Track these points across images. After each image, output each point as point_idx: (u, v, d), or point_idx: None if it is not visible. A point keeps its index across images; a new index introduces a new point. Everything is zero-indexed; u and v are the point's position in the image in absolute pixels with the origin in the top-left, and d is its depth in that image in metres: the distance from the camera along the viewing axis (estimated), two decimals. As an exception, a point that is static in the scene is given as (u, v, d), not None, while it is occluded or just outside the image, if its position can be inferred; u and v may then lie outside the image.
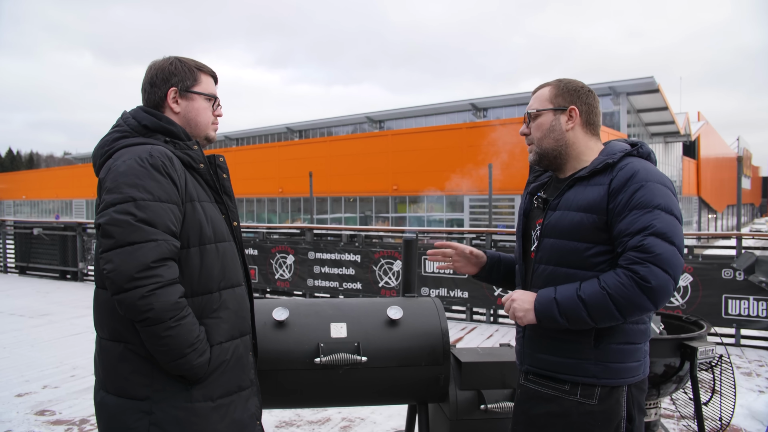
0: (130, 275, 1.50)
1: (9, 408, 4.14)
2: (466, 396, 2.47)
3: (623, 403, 1.70)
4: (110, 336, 1.68)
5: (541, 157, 1.83)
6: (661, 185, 1.65)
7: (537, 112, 1.81)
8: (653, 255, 1.54)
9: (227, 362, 1.71)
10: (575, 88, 1.80)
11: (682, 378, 2.85)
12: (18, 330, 6.55)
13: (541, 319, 1.67)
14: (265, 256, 8.54)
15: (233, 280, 1.78)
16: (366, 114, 37.29)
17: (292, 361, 2.31)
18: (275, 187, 31.79)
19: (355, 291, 7.80)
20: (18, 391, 4.50)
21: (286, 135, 41.40)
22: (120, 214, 1.54)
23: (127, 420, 1.63)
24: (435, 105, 34.42)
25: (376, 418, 3.96)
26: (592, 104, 1.81)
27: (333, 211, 30.40)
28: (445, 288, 7.32)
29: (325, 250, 8.08)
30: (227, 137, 44.73)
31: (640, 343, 1.73)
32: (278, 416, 3.96)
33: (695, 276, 6.10)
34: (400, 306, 2.49)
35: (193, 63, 1.84)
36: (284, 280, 8.40)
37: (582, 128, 1.79)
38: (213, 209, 1.77)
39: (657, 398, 2.98)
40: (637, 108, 31.67)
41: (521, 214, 1.96)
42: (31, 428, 3.77)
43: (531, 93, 1.91)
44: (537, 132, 1.81)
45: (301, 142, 35.52)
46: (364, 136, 31.92)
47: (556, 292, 1.66)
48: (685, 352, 2.75)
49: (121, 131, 1.73)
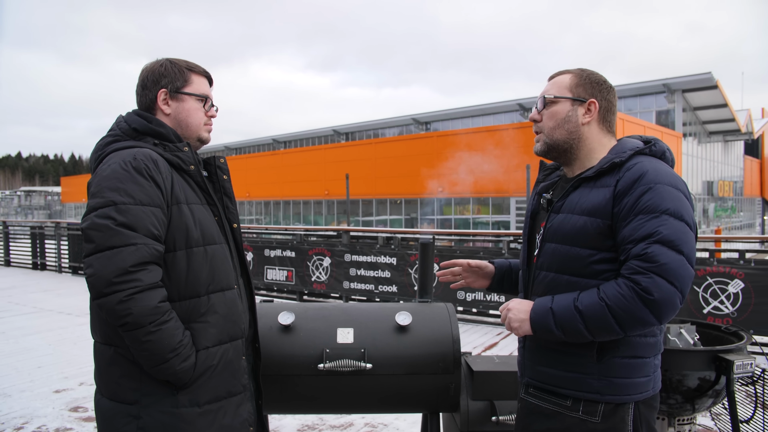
0: (108, 280, 1.49)
1: (46, 403, 4.28)
2: (478, 406, 2.37)
3: (629, 421, 1.56)
4: (102, 339, 1.67)
5: (549, 148, 1.70)
6: (671, 188, 1.50)
7: (554, 98, 1.67)
8: (658, 265, 1.41)
9: (214, 367, 1.68)
10: (598, 80, 1.67)
11: (719, 392, 2.65)
12: (63, 328, 6.82)
13: (536, 329, 1.56)
14: (302, 258, 8.59)
15: (223, 284, 1.74)
16: (412, 115, 37.22)
17: (296, 366, 2.26)
18: (321, 190, 32.11)
19: (390, 294, 7.74)
20: (56, 387, 4.65)
21: (333, 137, 41.79)
22: (100, 219, 1.53)
23: (116, 423, 1.62)
24: (482, 106, 34.03)
25: (399, 424, 3.88)
26: (612, 101, 1.69)
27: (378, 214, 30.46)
28: (480, 292, 7.17)
29: (361, 252, 8.05)
30: (275, 140, 45.56)
31: (648, 357, 1.59)
32: (301, 420, 3.93)
33: (747, 282, 5.74)
34: (411, 312, 2.41)
35: (184, 64, 1.82)
36: (320, 282, 8.42)
37: (598, 124, 1.67)
38: (203, 211, 1.74)
39: (692, 413, 2.78)
40: (693, 106, 30.38)
41: (528, 216, 1.85)
42: (64, 424, 3.88)
43: (548, 79, 1.76)
44: (549, 121, 1.68)
45: (346, 145, 35.78)
46: (409, 137, 31.87)
47: (553, 301, 1.55)
48: (720, 365, 2.56)
49: (114, 135, 1.73)
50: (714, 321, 5.69)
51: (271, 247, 8.99)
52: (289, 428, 3.81)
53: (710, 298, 5.80)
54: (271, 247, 8.99)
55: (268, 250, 8.98)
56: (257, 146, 48.04)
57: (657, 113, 28.79)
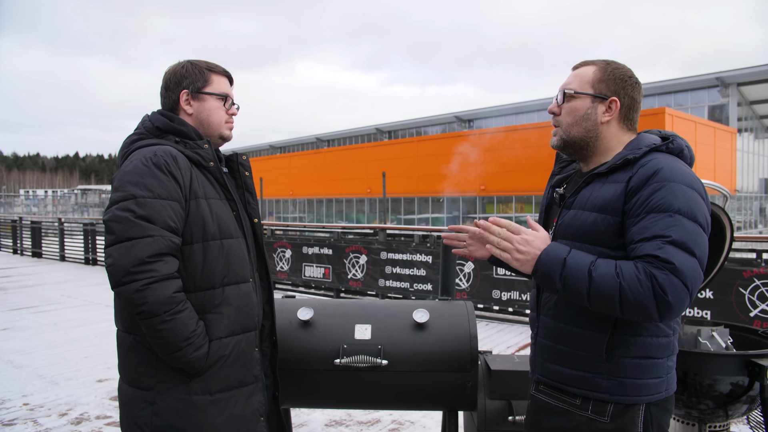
0: (126, 269, 1.56)
1: (89, 392, 4.48)
2: (496, 405, 2.35)
3: (639, 423, 1.52)
4: (123, 328, 1.75)
5: (565, 144, 1.66)
6: (686, 187, 1.45)
7: (575, 94, 1.62)
8: (672, 266, 1.37)
9: (226, 357, 1.73)
10: (622, 76, 1.61)
11: (754, 399, 2.55)
12: (110, 320, 7.09)
13: (538, 271, 1.50)
14: (338, 256, 8.67)
15: (238, 277, 1.80)
16: (455, 113, 36.99)
17: (314, 361, 2.30)
18: (363, 188, 32.31)
19: (425, 292, 7.73)
20: (100, 377, 4.86)
21: (376, 136, 41.96)
22: (121, 211, 1.60)
23: (133, 408, 1.70)
24: (525, 103, 33.52)
25: (426, 422, 3.88)
26: (636, 98, 1.62)
27: (420, 212, 30.43)
28: (516, 291, 7.08)
29: (397, 250, 8.07)
30: (318, 139, 46.07)
31: (660, 358, 1.54)
32: (329, 415, 3.99)
33: (797, 285, 5.47)
34: (429, 309, 2.42)
35: (205, 64, 1.88)
36: (357, 280, 8.49)
37: (618, 122, 1.61)
38: (221, 206, 1.80)
39: (726, 420, 2.69)
40: (750, 100, 29.05)
41: (542, 210, 1.83)
42: (104, 411, 4.05)
43: (572, 68, 1.71)
44: (568, 116, 1.63)
45: (388, 143, 35.86)
46: (450, 135, 31.68)
47: (569, 254, 1.48)
48: (753, 370, 2.46)
49: (139, 134, 1.81)
50: (762, 325, 5.45)
51: (309, 244, 9.11)
52: (317, 422, 3.87)
53: (758, 300, 5.55)
54: (309, 244, 9.12)
55: (306, 248, 9.11)
56: (301, 145, 48.73)
57: (710, 108, 27.69)
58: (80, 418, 3.95)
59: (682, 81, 28.18)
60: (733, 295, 5.62)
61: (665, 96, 28.58)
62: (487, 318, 7.38)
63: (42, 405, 4.20)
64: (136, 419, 1.68)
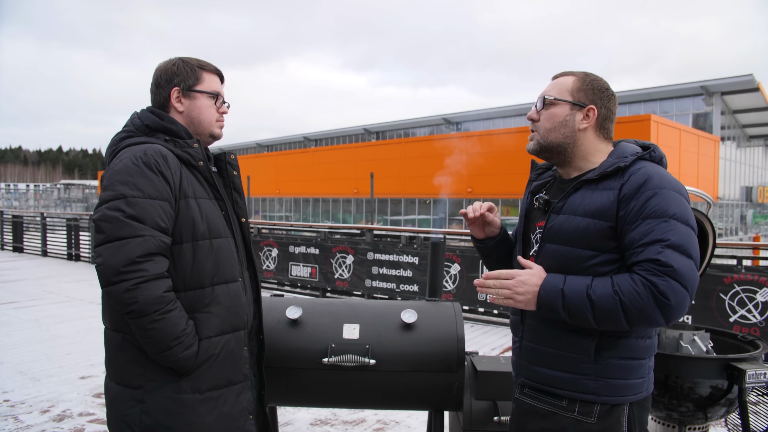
0: (116, 269, 1.55)
1: (72, 389, 4.44)
2: (482, 406, 2.38)
3: (624, 422, 1.57)
4: (111, 326, 1.75)
5: (542, 149, 1.71)
6: (676, 193, 1.53)
7: (554, 100, 1.68)
8: (672, 269, 1.43)
9: (216, 356, 1.74)
10: (600, 87, 1.68)
11: (732, 402, 2.61)
12: (93, 317, 7.04)
13: (541, 306, 1.55)
14: (325, 256, 8.67)
15: (227, 276, 1.80)
16: (443, 115, 37.10)
17: (302, 360, 2.31)
18: (350, 188, 32.27)
19: (411, 293, 7.76)
20: (83, 373, 4.82)
21: (363, 136, 41.93)
22: (111, 211, 1.60)
23: (122, 407, 1.69)
24: (513, 106, 33.70)
25: (411, 422, 3.90)
26: (612, 109, 1.70)
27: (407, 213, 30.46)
28: (502, 293, 7.12)
29: (383, 251, 8.09)
30: (306, 138, 45.93)
31: (644, 359, 1.60)
32: (315, 414, 3.99)
33: (777, 291, 5.58)
34: (417, 310, 2.44)
35: (196, 62, 1.88)
36: (343, 280, 8.49)
37: (594, 131, 1.68)
38: (210, 206, 1.80)
39: (705, 422, 2.74)
40: (733, 109, 29.51)
41: (522, 215, 1.86)
42: (87, 408, 4.02)
43: (551, 78, 1.77)
44: (546, 122, 1.68)
45: (375, 144, 35.87)
46: (438, 137, 31.78)
47: (565, 283, 1.54)
48: (732, 374, 2.51)
49: (128, 131, 1.80)
50: (741, 330, 5.54)
51: (296, 243, 9.10)
52: (302, 422, 3.87)
53: (737, 306, 5.66)
54: (295, 243, 9.10)
55: (293, 247, 9.09)
56: (289, 144, 48.53)
57: (694, 116, 28.07)
58: (62, 415, 3.91)
59: (667, 89, 28.53)
60: (714, 301, 5.72)
61: (651, 103, 28.93)
62: (472, 320, 7.43)
63: (23, 401, 4.16)
64: (125, 418, 1.68)
